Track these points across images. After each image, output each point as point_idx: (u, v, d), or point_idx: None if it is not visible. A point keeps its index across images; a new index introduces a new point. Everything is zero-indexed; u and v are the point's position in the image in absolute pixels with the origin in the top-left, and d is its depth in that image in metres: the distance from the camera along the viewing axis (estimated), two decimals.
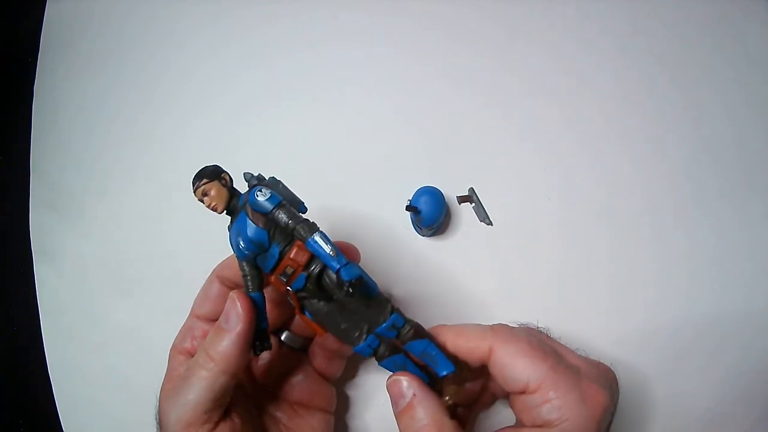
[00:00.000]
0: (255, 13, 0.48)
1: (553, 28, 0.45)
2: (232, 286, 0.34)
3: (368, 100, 0.46)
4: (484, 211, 0.42)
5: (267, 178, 0.32)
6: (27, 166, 0.48)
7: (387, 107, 0.45)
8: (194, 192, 0.30)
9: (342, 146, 0.45)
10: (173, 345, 0.34)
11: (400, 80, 0.46)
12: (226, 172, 0.30)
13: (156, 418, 0.32)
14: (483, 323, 0.32)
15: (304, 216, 0.29)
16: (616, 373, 0.32)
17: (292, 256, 0.29)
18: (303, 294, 0.30)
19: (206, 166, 0.30)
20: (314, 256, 0.29)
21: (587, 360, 0.32)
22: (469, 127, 0.44)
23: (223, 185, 0.30)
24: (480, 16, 0.46)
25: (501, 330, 0.31)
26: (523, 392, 0.29)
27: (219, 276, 0.34)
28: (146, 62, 0.49)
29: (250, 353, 0.31)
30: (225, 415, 0.31)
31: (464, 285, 0.42)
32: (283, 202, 0.29)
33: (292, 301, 0.30)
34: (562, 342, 0.33)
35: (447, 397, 0.30)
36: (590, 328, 0.40)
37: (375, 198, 0.44)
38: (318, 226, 0.29)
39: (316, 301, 0.30)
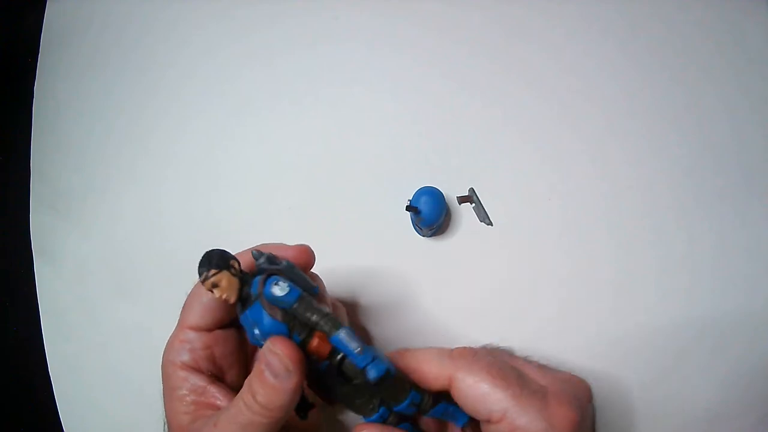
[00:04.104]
0: (255, 13, 0.48)
1: (553, 28, 0.45)
2: None
3: (369, 100, 0.46)
4: (484, 211, 0.42)
5: (281, 263, 0.29)
6: (27, 166, 0.49)
7: (387, 107, 0.45)
8: (202, 282, 0.27)
9: (342, 146, 0.45)
10: (168, 360, 0.32)
11: (401, 80, 0.46)
12: (234, 258, 0.28)
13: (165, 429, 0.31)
14: (456, 336, 0.32)
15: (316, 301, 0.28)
16: (590, 384, 0.32)
17: (314, 347, 0.28)
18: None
19: (211, 252, 0.27)
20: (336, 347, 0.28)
21: (556, 376, 0.31)
22: (469, 127, 0.44)
23: (234, 274, 0.27)
24: (480, 17, 0.46)
25: (460, 357, 0.30)
26: (488, 421, 0.29)
27: None
28: (146, 62, 0.49)
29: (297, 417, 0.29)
30: None
31: (464, 285, 0.42)
32: (303, 294, 0.28)
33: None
34: (545, 353, 0.32)
35: None
36: (589, 328, 0.40)
37: (375, 198, 0.44)
38: (340, 322, 0.28)
39: (333, 381, 0.29)
